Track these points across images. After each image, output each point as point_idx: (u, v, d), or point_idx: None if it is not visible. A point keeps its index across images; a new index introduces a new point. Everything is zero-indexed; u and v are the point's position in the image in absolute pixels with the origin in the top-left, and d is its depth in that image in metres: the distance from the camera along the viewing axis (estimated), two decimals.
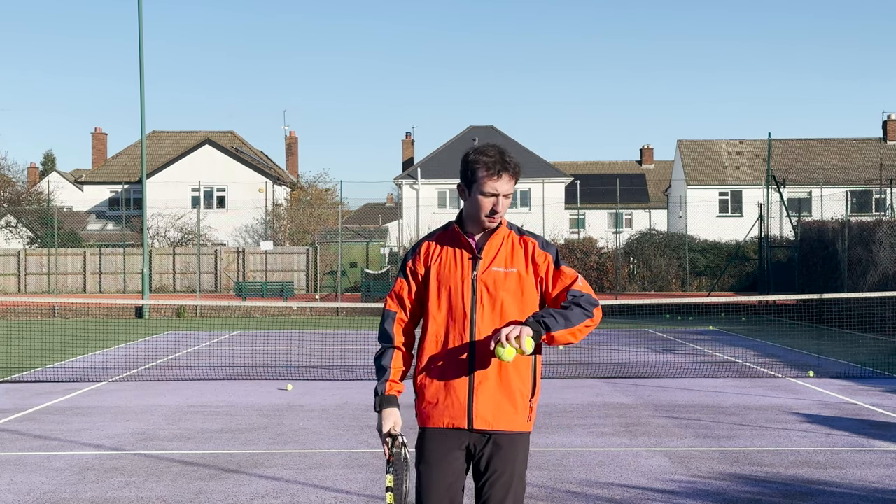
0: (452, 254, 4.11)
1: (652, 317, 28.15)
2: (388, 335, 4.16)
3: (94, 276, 40.06)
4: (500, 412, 3.99)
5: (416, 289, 4.15)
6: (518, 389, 4.02)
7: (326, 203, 58.64)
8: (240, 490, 7.52)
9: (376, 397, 4.11)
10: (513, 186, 4.07)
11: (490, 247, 4.08)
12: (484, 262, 4.07)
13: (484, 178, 4.00)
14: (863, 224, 27.16)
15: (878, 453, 8.87)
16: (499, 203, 4.02)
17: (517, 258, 4.08)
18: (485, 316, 4.01)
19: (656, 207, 62.18)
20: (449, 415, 4.02)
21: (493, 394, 3.99)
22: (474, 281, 4.04)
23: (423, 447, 4.08)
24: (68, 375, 14.98)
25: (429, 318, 4.09)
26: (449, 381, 4.02)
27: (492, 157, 4.02)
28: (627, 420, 10.67)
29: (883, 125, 53.00)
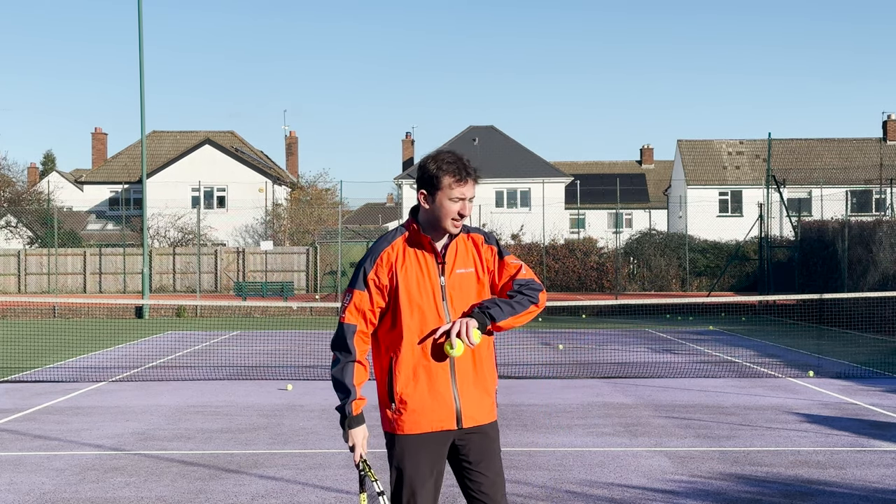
0: (418, 260, 4.13)
1: (652, 317, 28.15)
2: (349, 349, 4.13)
3: (94, 276, 40.06)
4: (482, 407, 4.17)
5: (380, 299, 4.13)
6: (490, 384, 4.22)
7: (326, 203, 58.61)
8: (240, 490, 7.52)
9: (344, 417, 4.15)
10: (474, 191, 4.17)
11: (450, 250, 4.17)
12: (448, 266, 4.14)
13: (452, 184, 4.07)
14: (863, 224, 27.15)
15: (878, 453, 8.87)
16: (465, 207, 4.11)
17: (471, 257, 4.21)
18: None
19: (656, 207, 62.18)
20: (438, 419, 4.10)
21: (474, 392, 4.15)
22: (443, 287, 4.12)
23: (411, 451, 4.12)
24: (68, 375, 14.98)
25: (401, 328, 4.09)
26: (434, 387, 4.09)
27: (455, 164, 4.09)
28: (627, 420, 10.67)
29: (883, 125, 53.00)
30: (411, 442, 4.11)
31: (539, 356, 17.40)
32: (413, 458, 4.11)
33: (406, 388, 4.10)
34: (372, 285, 4.12)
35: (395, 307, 4.11)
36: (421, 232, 4.14)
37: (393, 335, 4.13)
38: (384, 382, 4.15)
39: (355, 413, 4.14)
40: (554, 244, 39.57)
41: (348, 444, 4.17)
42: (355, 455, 4.17)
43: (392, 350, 4.13)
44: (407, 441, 4.12)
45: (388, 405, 4.16)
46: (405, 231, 4.18)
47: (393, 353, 4.12)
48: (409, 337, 4.09)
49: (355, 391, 4.13)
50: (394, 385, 4.11)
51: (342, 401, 4.15)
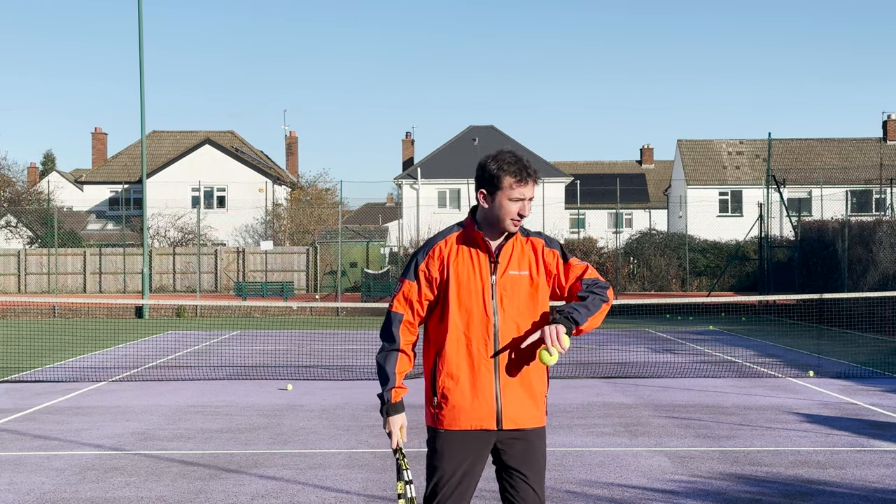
0: (470, 257, 4.17)
1: (652, 317, 28.15)
2: (393, 337, 4.18)
3: (94, 276, 40.06)
4: (526, 411, 4.15)
5: (429, 292, 4.18)
6: (537, 388, 4.20)
7: (326, 203, 58.62)
8: (240, 490, 7.52)
9: (383, 404, 4.21)
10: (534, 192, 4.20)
11: (505, 250, 4.17)
12: (501, 265, 4.15)
13: (512, 184, 4.10)
14: (863, 224, 27.16)
15: (878, 453, 8.87)
16: (525, 207, 4.14)
17: (527, 260, 4.19)
18: (506, 319, 4.12)
19: (656, 207, 62.18)
20: (478, 417, 4.11)
21: (517, 394, 4.13)
22: (494, 285, 4.13)
23: (449, 448, 4.14)
24: (68, 375, 14.98)
25: (448, 322, 4.13)
26: (476, 385, 4.11)
27: (516, 165, 4.12)
28: (627, 420, 10.67)
29: (883, 125, 53.00)
30: (450, 438, 4.14)
31: None
32: (450, 454, 4.14)
33: (448, 383, 4.13)
34: (422, 277, 4.16)
35: (444, 302, 4.14)
36: (476, 229, 4.16)
37: (440, 329, 4.16)
38: (429, 376, 4.20)
39: (394, 401, 4.18)
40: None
41: (385, 431, 4.21)
42: (392, 442, 4.21)
43: (438, 345, 4.16)
44: (446, 437, 4.15)
45: (430, 399, 4.19)
46: (461, 228, 4.22)
47: (438, 348, 4.16)
48: (454, 332, 4.12)
49: (395, 379, 4.17)
50: (437, 379, 4.15)
51: (382, 388, 4.20)
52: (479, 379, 4.10)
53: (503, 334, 4.10)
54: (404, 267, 4.25)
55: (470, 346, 4.11)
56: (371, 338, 21.76)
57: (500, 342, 4.10)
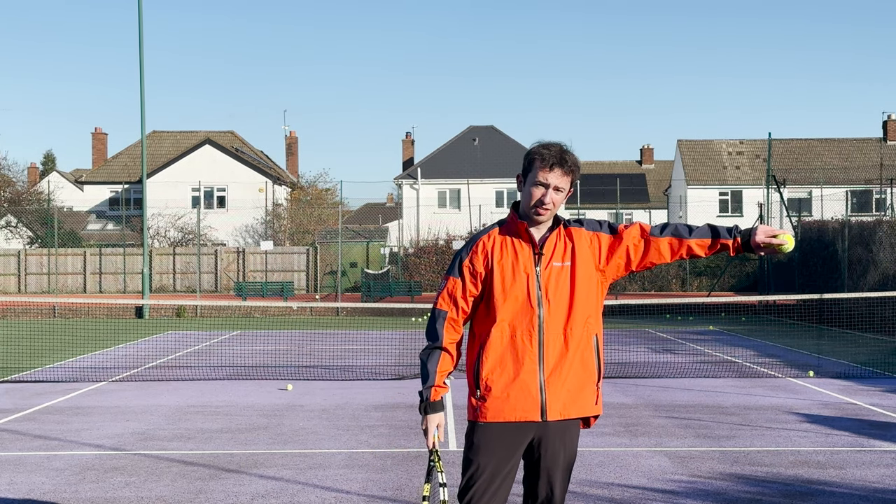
0: (514, 249, 4.13)
1: (652, 317, 28.15)
2: (437, 334, 4.16)
3: (94, 276, 40.07)
4: (571, 401, 4.11)
5: (473, 287, 4.15)
6: (585, 375, 4.15)
7: (326, 203, 58.64)
8: (240, 490, 7.52)
9: (421, 402, 4.17)
10: (566, 183, 4.11)
11: (549, 241, 4.14)
12: (545, 257, 4.12)
13: (538, 167, 4.06)
14: (863, 224, 27.16)
15: (878, 453, 8.87)
16: (547, 195, 4.06)
17: (567, 252, 4.14)
18: (550, 310, 4.08)
19: (656, 207, 62.17)
20: (521, 408, 4.07)
21: (564, 385, 4.09)
22: (538, 276, 4.09)
23: (488, 441, 4.10)
24: (68, 375, 14.98)
25: (494, 315, 4.10)
26: (520, 377, 4.07)
27: (550, 151, 4.08)
28: (627, 420, 10.67)
29: (883, 125, 53.00)
30: (491, 431, 4.09)
31: None
32: (488, 448, 4.09)
33: (492, 374, 4.09)
34: (466, 272, 4.14)
35: (490, 294, 4.12)
36: (518, 220, 4.13)
37: (485, 322, 4.13)
38: (472, 369, 4.16)
39: (433, 399, 4.13)
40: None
41: (422, 428, 4.17)
42: (427, 440, 4.16)
43: (482, 337, 4.13)
44: (487, 429, 4.10)
45: (473, 392, 4.15)
46: (510, 221, 4.19)
47: (482, 340, 4.12)
48: (500, 324, 4.09)
49: (436, 377, 4.13)
50: (480, 371, 4.11)
51: (423, 385, 4.17)
52: (524, 370, 4.06)
53: (548, 325, 4.06)
54: (449, 265, 4.24)
55: (514, 337, 4.08)
56: (371, 338, 21.77)
57: (544, 333, 4.06)
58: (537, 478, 4.15)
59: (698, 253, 4.20)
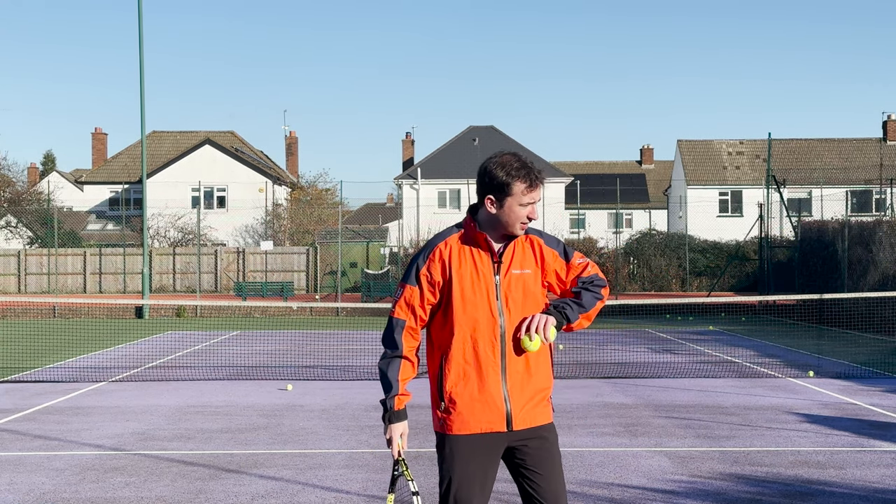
0: (473, 258, 4.10)
1: (652, 317, 28.15)
2: (396, 344, 4.12)
3: (94, 276, 40.06)
4: (535, 410, 4.12)
5: (430, 296, 4.11)
6: (544, 385, 4.17)
7: (326, 203, 58.64)
8: (240, 490, 7.53)
9: (385, 412, 4.14)
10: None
11: (508, 250, 4.13)
12: (504, 265, 4.10)
13: (524, 190, 4.05)
14: (863, 224, 27.16)
15: (878, 453, 8.87)
16: (533, 211, 4.11)
17: (528, 258, 4.15)
18: (512, 319, 4.06)
19: (656, 207, 62.18)
20: (487, 420, 4.05)
21: (525, 394, 4.09)
22: (498, 286, 4.07)
23: (459, 452, 4.08)
24: (68, 375, 14.98)
25: (453, 325, 4.07)
26: (484, 388, 4.05)
27: (525, 170, 4.06)
28: (627, 420, 10.67)
29: (883, 125, 52.99)
30: (460, 443, 4.07)
31: None
32: (461, 460, 4.07)
33: (455, 387, 4.07)
34: (424, 280, 4.10)
35: (448, 305, 4.08)
36: (478, 230, 4.11)
37: (444, 333, 4.10)
38: (435, 381, 4.13)
39: (397, 408, 4.12)
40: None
41: (386, 437, 4.16)
42: (392, 449, 4.15)
43: (443, 348, 4.10)
44: (456, 442, 4.08)
45: (437, 404, 4.13)
46: (461, 229, 4.16)
47: (444, 352, 4.09)
48: (460, 335, 4.06)
49: (398, 386, 4.11)
50: (444, 384, 4.08)
51: (385, 395, 4.14)
52: (487, 381, 4.04)
53: (510, 335, 4.06)
54: (404, 271, 4.19)
55: (477, 348, 4.05)
56: (371, 338, 21.75)
57: (507, 343, 4.05)
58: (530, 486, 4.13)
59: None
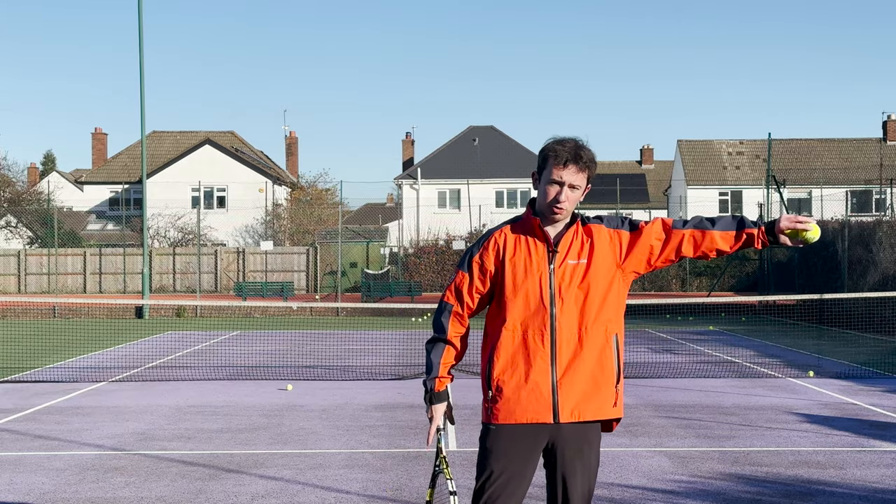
0: (527, 246, 4.05)
1: (652, 317, 28.14)
2: (442, 327, 4.11)
3: (94, 276, 40.07)
4: (587, 401, 3.97)
5: (480, 284, 4.09)
6: (601, 376, 4.00)
7: (326, 203, 58.66)
8: (240, 490, 7.52)
9: (426, 393, 4.14)
10: (582, 180, 4.00)
11: (565, 239, 4.03)
12: (560, 255, 4.01)
13: (552, 165, 3.98)
14: (863, 224, 27.16)
15: (878, 453, 8.87)
16: (562, 193, 3.97)
17: (587, 248, 4.03)
18: (564, 309, 3.97)
19: (656, 207, 62.16)
20: (533, 410, 3.96)
21: (578, 385, 3.96)
22: (552, 274, 3.99)
23: (501, 444, 4.01)
24: (68, 375, 14.98)
25: (505, 313, 4.02)
26: (531, 377, 3.97)
27: (564, 147, 3.99)
28: (627, 420, 10.66)
29: (883, 125, 53.01)
30: (504, 432, 4.00)
31: None
32: (501, 451, 4.00)
33: (503, 374, 4.01)
34: (476, 268, 4.08)
35: (501, 293, 4.04)
36: (533, 217, 4.05)
37: (496, 322, 4.06)
38: (484, 369, 4.09)
39: (437, 390, 4.10)
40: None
41: (427, 416, 4.13)
42: (431, 428, 4.11)
43: (494, 337, 4.06)
44: (500, 431, 4.01)
45: (486, 394, 4.08)
46: (524, 217, 4.11)
47: (494, 341, 4.05)
48: (510, 322, 4.01)
49: (439, 369, 4.09)
50: (492, 372, 4.03)
51: (426, 376, 4.14)
52: (535, 370, 3.96)
53: (560, 324, 3.95)
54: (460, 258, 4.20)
55: (526, 336, 3.98)
56: (371, 338, 21.76)
57: (557, 332, 3.95)
58: (555, 483, 4.03)
59: (723, 247, 4.02)
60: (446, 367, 4.11)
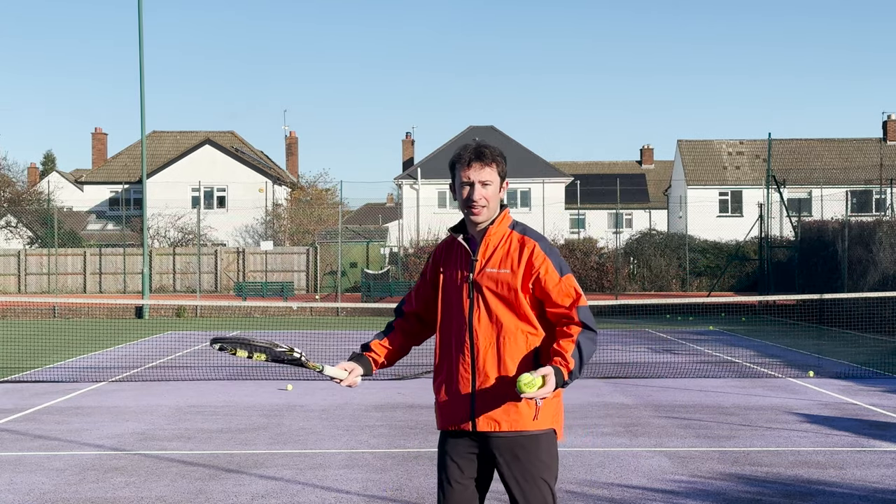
0: (456, 255, 4.10)
1: (652, 317, 28.14)
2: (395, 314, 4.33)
3: (94, 276, 40.06)
4: (506, 413, 3.92)
5: (423, 289, 4.24)
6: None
7: (326, 203, 58.63)
8: (240, 490, 7.52)
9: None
10: (492, 175, 3.99)
11: (486, 247, 4.02)
12: (479, 263, 4.01)
13: (459, 168, 4.02)
14: (863, 224, 27.15)
15: (878, 453, 8.87)
16: (474, 192, 3.96)
17: (512, 259, 3.97)
18: (481, 318, 3.96)
19: (656, 207, 62.17)
20: (457, 417, 4.00)
21: (496, 395, 3.92)
22: (471, 284, 3.99)
23: (444, 450, 4.09)
24: (68, 375, 14.97)
25: (437, 322, 4.13)
26: (454, 385, 4.02)
27: (466, 150, 4.03)
28: (627, 420, 10.66)
29: (883, 125, 53.00)
30: (445, 438, 4.08)
31: None
32: (443, 455, 4.06)
33: (436, 382, 4.12)
34: (426, 274, 4.24)
35: (437, 302, 4.15)
36: (464, 226, 4.10)
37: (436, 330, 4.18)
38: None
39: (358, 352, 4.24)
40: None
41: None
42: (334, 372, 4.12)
43: (435, 346, 4.17)
44: (443, 437, 4.10)
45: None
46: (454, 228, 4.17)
47: (435, 349, 4.17)
48: (442, 332, 4.09)
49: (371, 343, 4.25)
50: (434, 379, 4.15)
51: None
52: (457, 378, 3.99)
53: (479, 334, 3.95)
54: None
55: (451, 345, 4.03)
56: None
57: (476, 342, 3.95)
58: (507, 491, 4.01)
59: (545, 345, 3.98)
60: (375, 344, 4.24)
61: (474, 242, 4.05)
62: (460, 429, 4.00)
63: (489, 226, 4.03)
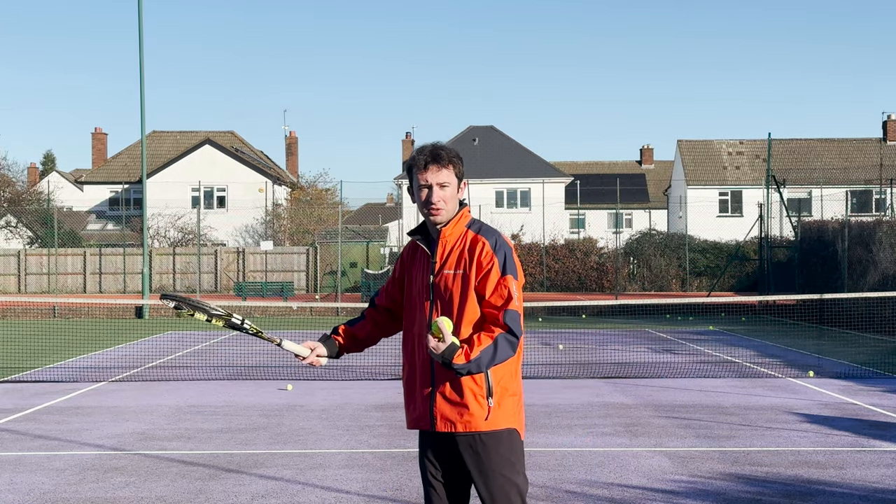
0: (418, 258, 4.17)
1: (652, 317, 28.13)
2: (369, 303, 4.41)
3: (94, 276, 40.06)
4: (461, 412, 3.95)
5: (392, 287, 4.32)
6: (472, 389, 3.95)
7: (326, 203, 58.63)
8: (240, 490, 7.52)
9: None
10: (449, 176, 4.00)
11: (443, 248, 4.05)
12: (437, 264, 4.05)
13: (417, 172, 4.03)
14: (863, 224, 27.14)
15: (878, 453, 8.87)
16: (433, 194, 3.98)
17: (465, 259, 4.00)
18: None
19: (656, 207, 62.17)
20: (416, 417, 4.09)
21: (452, 395, 3.97)
22: (430, 286, 4.04)
23: (419, 448, 4.22)
24: (68, 375, 14.97)
25: (403, 324, 4.21)
26: (415, 385, 4.09)
27: (422, 153, 4.04)
28: (627, 420, 10.67)
29: (883, 125, 53.00)
30: (419, 438, 4.19)
31: (539, 356, 17.40)
32: (420, 455, 4.19)
33: (403, 381, 4.20)
34: (395, 274, 4.30)
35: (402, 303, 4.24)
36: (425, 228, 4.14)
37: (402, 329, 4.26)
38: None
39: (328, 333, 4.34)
40: (554, 244, 39.60)
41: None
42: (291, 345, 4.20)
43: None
44: (419, 436, 4.20)
45: None
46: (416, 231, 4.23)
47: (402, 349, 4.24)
48: (405, 332, 4.19)
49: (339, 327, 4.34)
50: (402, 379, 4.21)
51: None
52: (418, 378, 4.05)
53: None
54: None
55: (413, 345, 4.09)
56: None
57: None
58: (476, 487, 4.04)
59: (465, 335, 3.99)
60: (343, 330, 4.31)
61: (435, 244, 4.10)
62: (424, 429, 4.08)
63: (443, 227, 4.05)
